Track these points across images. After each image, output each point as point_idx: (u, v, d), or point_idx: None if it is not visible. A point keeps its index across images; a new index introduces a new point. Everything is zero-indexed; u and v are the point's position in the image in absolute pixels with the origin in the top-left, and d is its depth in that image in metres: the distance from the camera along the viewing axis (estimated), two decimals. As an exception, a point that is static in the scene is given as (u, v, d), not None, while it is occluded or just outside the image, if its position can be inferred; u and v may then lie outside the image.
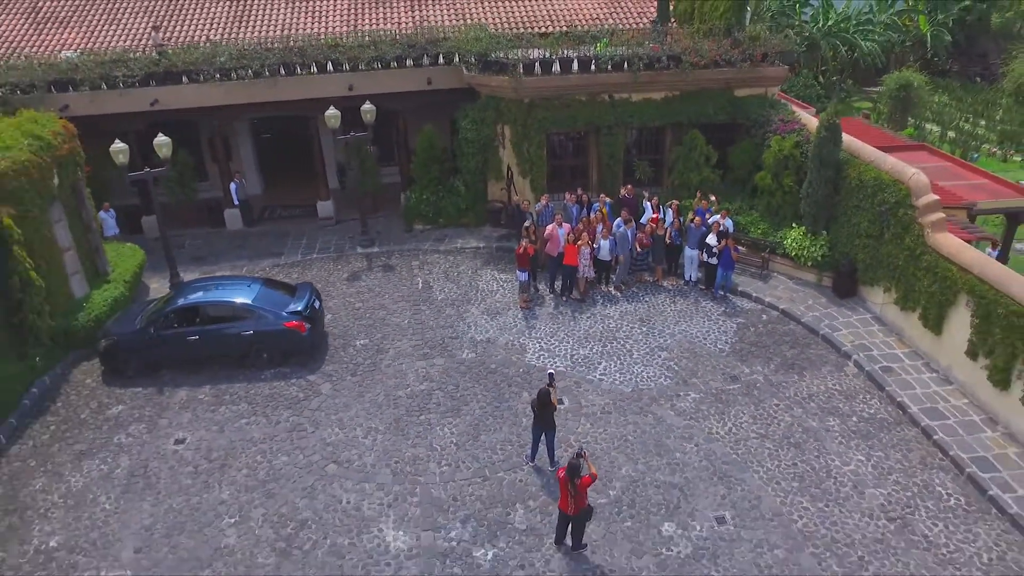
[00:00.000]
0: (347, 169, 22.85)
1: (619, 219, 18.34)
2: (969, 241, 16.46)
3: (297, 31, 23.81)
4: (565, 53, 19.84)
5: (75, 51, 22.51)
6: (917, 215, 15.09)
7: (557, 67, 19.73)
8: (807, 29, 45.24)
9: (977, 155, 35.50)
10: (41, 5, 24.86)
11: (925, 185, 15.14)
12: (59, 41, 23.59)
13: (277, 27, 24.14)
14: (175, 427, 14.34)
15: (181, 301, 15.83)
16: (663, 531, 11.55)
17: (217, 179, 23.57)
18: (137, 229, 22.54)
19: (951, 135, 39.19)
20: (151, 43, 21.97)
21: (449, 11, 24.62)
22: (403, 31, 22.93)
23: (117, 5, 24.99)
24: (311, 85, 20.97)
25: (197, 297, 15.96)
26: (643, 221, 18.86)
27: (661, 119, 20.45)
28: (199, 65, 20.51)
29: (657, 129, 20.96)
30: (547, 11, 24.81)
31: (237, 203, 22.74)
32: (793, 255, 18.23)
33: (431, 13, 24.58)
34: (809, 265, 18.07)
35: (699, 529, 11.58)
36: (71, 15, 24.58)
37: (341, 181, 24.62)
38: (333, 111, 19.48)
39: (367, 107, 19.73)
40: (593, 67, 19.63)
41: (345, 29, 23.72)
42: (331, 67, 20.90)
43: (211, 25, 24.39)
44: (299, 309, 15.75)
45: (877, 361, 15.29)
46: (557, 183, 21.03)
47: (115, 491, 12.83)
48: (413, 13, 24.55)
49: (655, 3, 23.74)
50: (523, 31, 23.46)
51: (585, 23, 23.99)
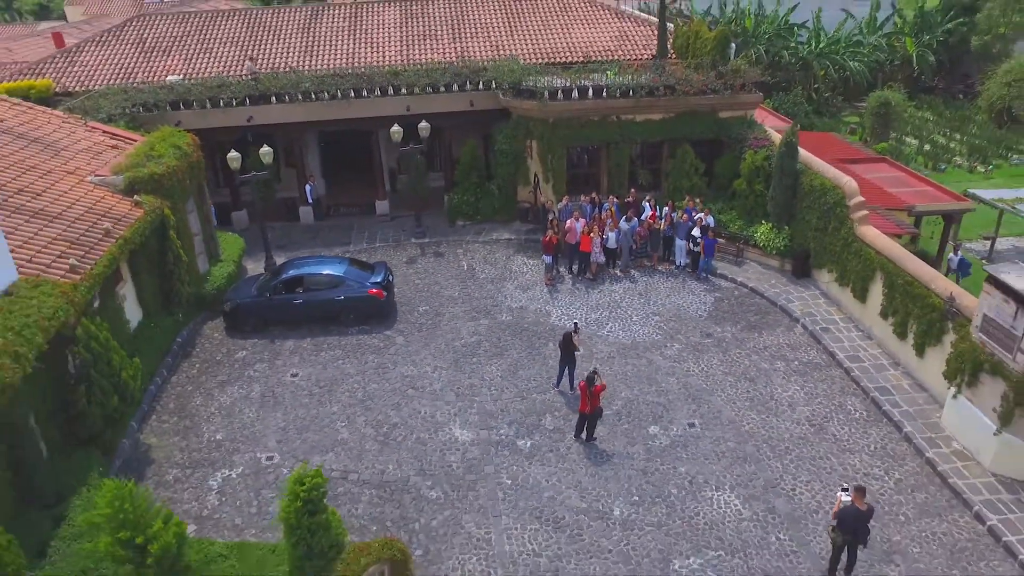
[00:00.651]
0: (400, 174, 28.07)
1: (624, 217, 23.48)
2: (898, 234, 21.53)
3: (358, 61, 29.15)
4: (582, 82, 25.03)
5: (178, 76, 27.90)
6: (849, 212, 20.15)
7: (576, 94, 24.90)
8: (801, 51, 50.17)
9: (945, 166, 40.28)
10: (147, 37, 30.32)
11: (855, 189, 20.22)
12: (164, 68, 28.97)
13: (341, 57, 29.46)
14: (289, 365, 19.57)
15: (290, 273, 21.09)
16: (650, 431, 16.66)
17: (291, 181, 28.86)
18: (227, 222, 27.80)
19: (927, 148, 43.91)
20: (247, 70, 27.26)
21: (485, 44, 29.88)
22: (447, 60, 28.19)
23: (209, 36, 30.42)
24: (375, 106, 26.23)
25: (301, 270, 21.21)
26: (643, 218, 23.98)
27: (659, 136, 25.67)
28: (287, 89, 25.82)
29: (656, 144, 26.17)
30: (567, 44, 30.05)
31: (311, 201, 28.04)
32: (762, 245, 23.35)
33: (470, 45, 29.85)
34: (774, 253, 23.19)
35: (676, 430, 16.67)
36: (172, 45, 30.00)
37: (393, 184, 29.88)
38: (397, 128, 24.74)
39: (423, 125, 24.99)
40: (604, 94, 24.82)
41: (399, 59, 29.05)
42: (392, 91, 26.16)
43: (286, 54, 29.74)
44: (378, 280, 21.01)
45: (819, 324, 20.37)
46: (574, 187, 26.16)
47: (253, 406, 18.05)
48: (455, 45, 29.82)
49: (657, 37, 28.81)
50: (547, 61, 28.69)
51: (599, 54, 29.19)
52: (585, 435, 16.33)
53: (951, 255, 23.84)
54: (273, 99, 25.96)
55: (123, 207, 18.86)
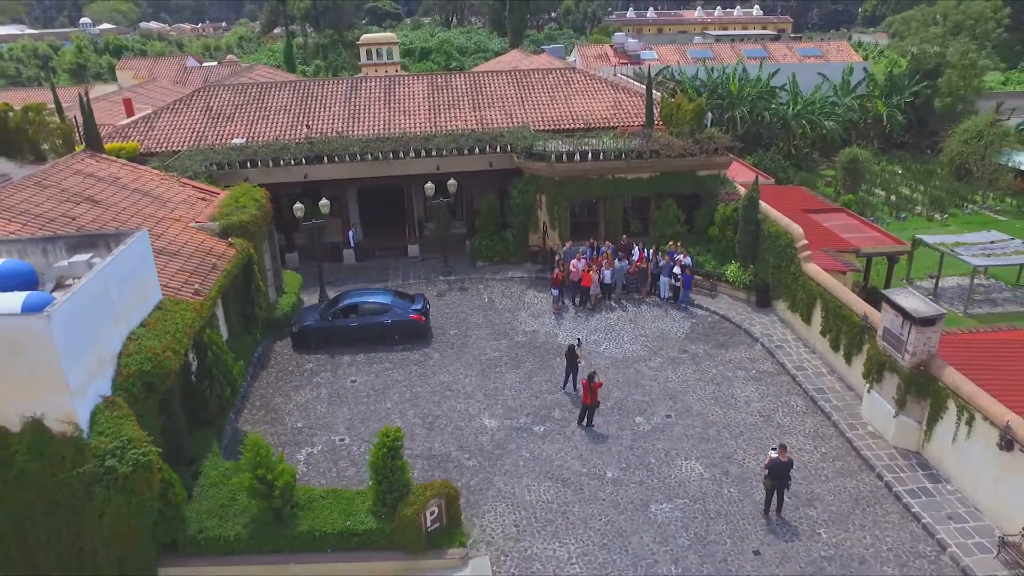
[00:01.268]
0: (428, 222, 33.62)
1: (618, 258, 28.96)
2: (842, 271, 26.90)
3: (393, 126, 35.04)
4: (583, 147, 30.76)
5: (242, 139, 33.75)
6: (796, 253, 25.58)
7: (577, 156, 30.61)
8: (781, 111, 56.40)
9: (906, 215, 45.94)
10: (212, 105, 36.31)
11: (801, 234, 25.72)
12: (229, 132, 34.86)
13: (379, 123, 35.39)
14: (348, 374, 24.80)
15: (346, 302, 26.47)
16: (636, 420, 21.80)
17: (335, 228, 34.43)
18: (282, 262, 33.24)
19: (893, 198, 49.63)
20: (303, 134, 33.08)
21: (500, 112, 35.84)
22: (468, 127, 34.03)
23: (267, 105, 36.43)
24: (410, 165, 31.98)
25: (356, 299, 26.60)
26: (633, 259, 29.42)
27: (647, 191, 31.35)
28: (337, 151, 31.58)
29: (644, 198, 31.87)
30: (570, 113, 36.00)
31: (353, 245, 33.60)
32: (731, 280, 28.76)
33: (487, 113, 35.79)
34: (741, 287, 28.59)
35: (656, 420, 21.81)
36: (235, 112, 35.98)
37: (421, 231, 35.47)
38: (430, 184, 30.41)
39: (452, 182, 30.71)
40: (601, 157, 30.53)
41: (427, 125, 34.96)
42: (424, 153, 31.91)
43: (332, 121, 35.67)
44: (418, 308, 26.39)
45: (774, 342, 25.64)
46: (576, 233, 31.70)
47: (324, 404, 23.23)
48: (475, 113, 35.76)
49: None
50: (554, 128, 34.57)
51: (597, 121, 35.11)
52: (586, 422, 21.47)
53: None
54: (325, 159, 31.69)
55: (220, 247, 24.33)
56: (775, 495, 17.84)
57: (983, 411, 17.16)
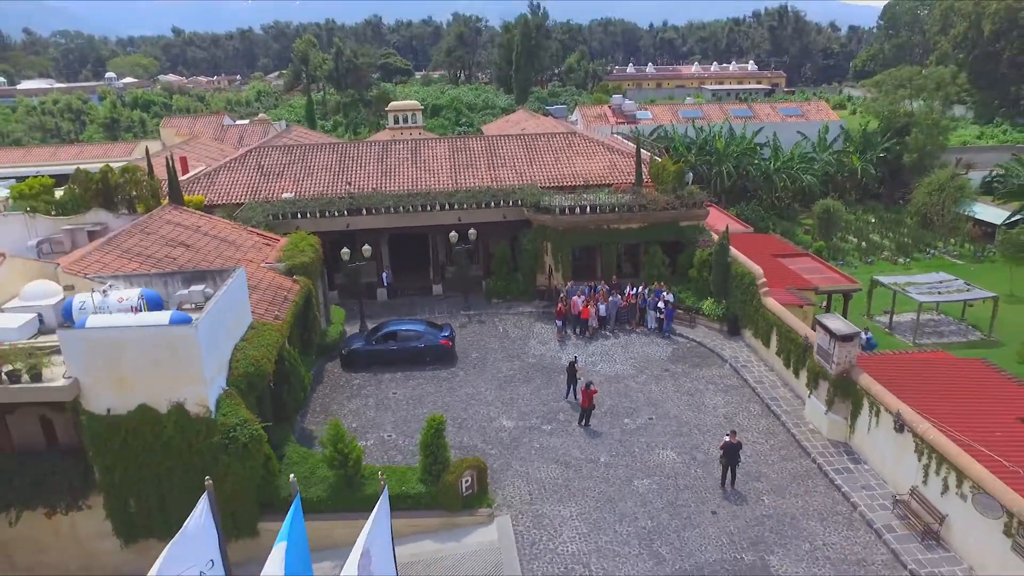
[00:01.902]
0: (449, 266, 39.85)
1: (611, 295, 35.05)
2: (800, 305, 32.90)
3: (420, 182, 41.52)
4: (582, 202, 37.06)
5: (291, 193, 40.20)
6: (757, 289, 31.65)
7: (578, 210, 36.89)
8: (763, 166, 62.96)
9: (872, 259, 52.06)
10: (263, 163, 42.92)
11: (760, 273, 31.83)
12: (279, 187, 41.33)
13: (408, 181, 41.88)
14: (390, 388, 30.69)
15: (387, 329, 32.51)
16: (624, 421, 27.61)
17: (370, 270, 40.59)
18: (324, 299, 39.35)
19: (863, 245, 55.82)
20: (345, 190, 39.53)
21: (511, 171, 42.38)
22: (485, 183, 40.46)
23: (310, 164, 43.07)
24: (436, 217, 38.32)
25: (394, 327, 32.65)
26: (624, 295, 35.49)
27: (637, 239, 37.63)
28: (374, 204, 37.94)
29: (634, 244, 38.14)
30: (571, 172, 42.56)
31: (385, 285, 39.77)
32: (707, 313, 34.78)
33: (500, 172, 42.32)
34: (715, 319, 34.58)
35: (640, 421, 27.62)
36: (283, 170, 42.58)
37: (443, 273, 41.67)
38: (454, 233, 36.71)
39: (472, 231, 37.01)
40: (598, 210, 36.80)
41: (449, 182, 41.45)
42: (448, 206, 38.24)
43: (368, 178, 42.16)
44: (446, 334, 32.43)
45: (740, 363, 31.55)
46: (577, 274, 37.82)
47: (371, 410, 29.09)
48: (491, 172, 42.30)
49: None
50: (557, 185, 41.02)
51: (595, 179, 41.61)
52: (584, 422, 27.29)
53: (861, 335, 34.91)
54: (364, 212, 38.04)
55: (287, 283, 30.47)
56: (729, 471, 23.57)
57: (885, 404, 23.00)
